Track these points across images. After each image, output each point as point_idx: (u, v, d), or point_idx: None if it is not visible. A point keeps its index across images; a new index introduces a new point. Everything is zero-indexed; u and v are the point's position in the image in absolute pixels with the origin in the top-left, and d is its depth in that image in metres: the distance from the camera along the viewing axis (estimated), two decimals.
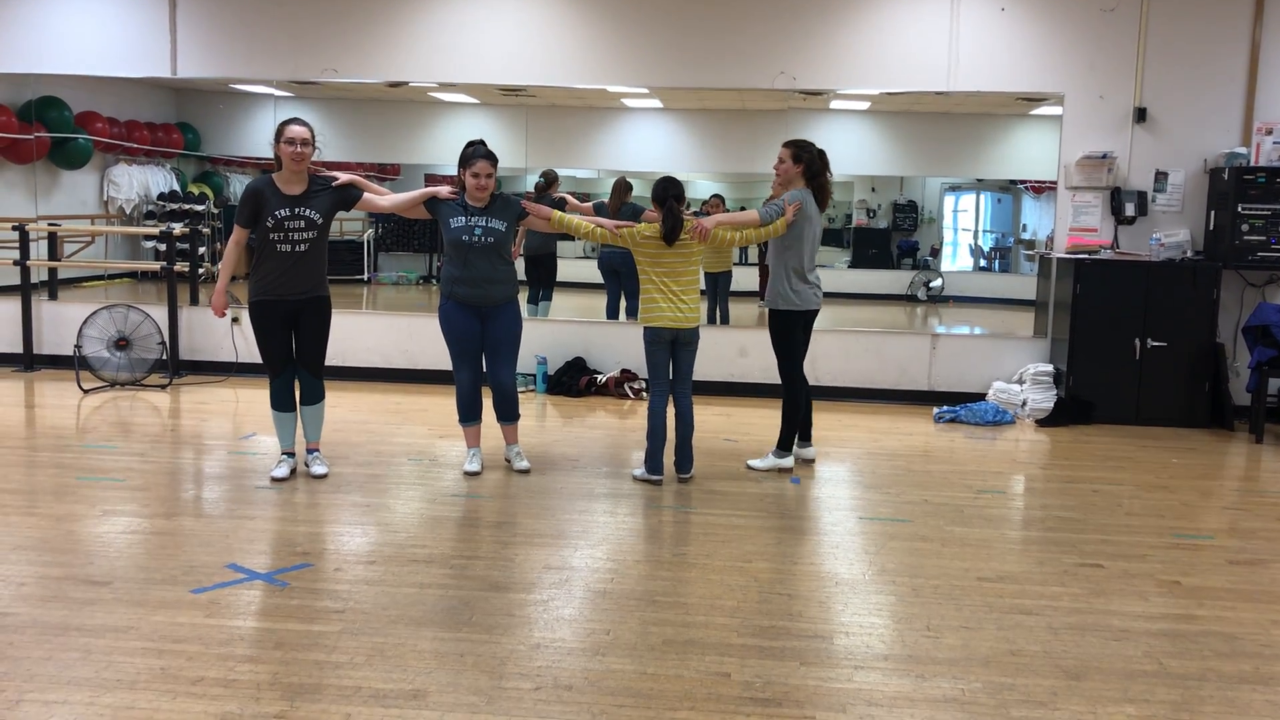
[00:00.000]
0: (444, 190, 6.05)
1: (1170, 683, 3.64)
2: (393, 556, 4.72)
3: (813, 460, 6.60)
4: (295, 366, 5.94)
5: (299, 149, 5.68)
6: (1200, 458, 7.18)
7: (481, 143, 6.00)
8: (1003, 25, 8.40)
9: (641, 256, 6.00)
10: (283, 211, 5.69)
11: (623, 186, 9.49)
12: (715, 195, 10.93)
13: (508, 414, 6.26)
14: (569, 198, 9.68)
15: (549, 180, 10.18)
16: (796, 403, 6.37)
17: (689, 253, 5.98)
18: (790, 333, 6.32)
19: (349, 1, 8.84)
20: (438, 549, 4.83)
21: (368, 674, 3.52)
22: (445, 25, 8.82)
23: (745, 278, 11.38)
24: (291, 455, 6.06)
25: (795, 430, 6.45)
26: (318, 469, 5.99)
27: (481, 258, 5.95)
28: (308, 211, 5.74)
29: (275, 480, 5.88)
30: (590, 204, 9.56)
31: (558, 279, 10.40)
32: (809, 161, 6.24)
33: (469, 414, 6.23)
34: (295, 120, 5.80)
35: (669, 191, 5.91)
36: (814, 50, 8.57)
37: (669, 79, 8.84)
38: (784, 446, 6.40)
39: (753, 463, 6.42)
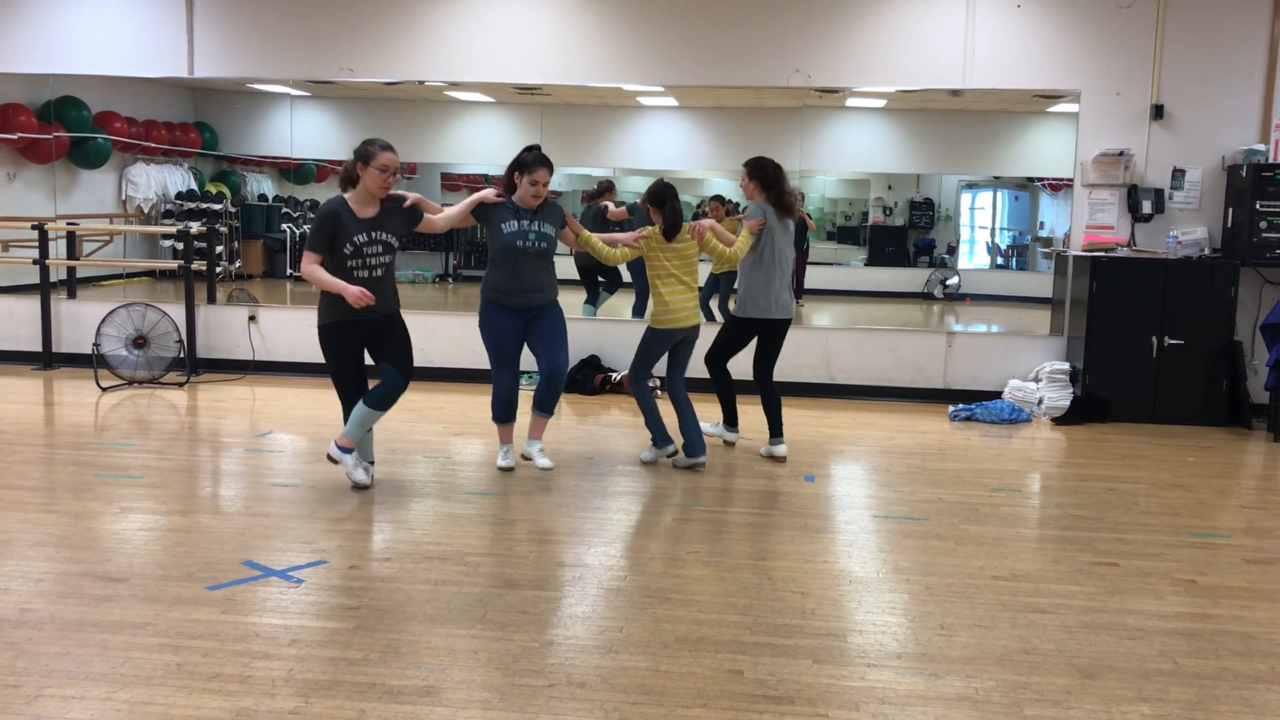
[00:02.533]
0: (491, 194, 5.95)
1: (1185, 682, 3.62)
2: (407, 554, 4.74)
3: (783, 459, 6.64)
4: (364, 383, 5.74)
5: (390, 178, 5.46)
6: (1217, 456, 7.14)
7: (537, 147, 6.00)
8: (1018, 22, 8.37)
9: (655, 257, 6.20)
10: (361, 237, 5.42)
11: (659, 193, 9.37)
12: (715, 197, 10.78)
13: (546, 404, 6.14)
14: (610, 206, 9.59)
15: (602, 189, 10.07)
16: (724, 385, 6.88)
17: (692, 250, 6.30)
18: (739, 336, 6.69)
19: (364, 1, 8.88)
20: (452, 546, 4.85)
21: (382, 670, 3.54)
22: (460, 24, 8.84)
23: None
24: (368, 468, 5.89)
25: (730, 409, 6.96)
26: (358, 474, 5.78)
27: (533, 263, 5.93)
28: (384, 235, 5.51)
29: (358, 486, 5.75)
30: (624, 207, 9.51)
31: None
32: (762, 177, 6.48)
33: (506, 414, 6.18)
34: (386, 146, 5.48)
35: (667, 193, 6.21)
36: (829, 48, 8.56)
37: (684, 77, 8.84)
38: (728, 422, 6.98)
39: (704, 426, 6.69)
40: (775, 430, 6.69)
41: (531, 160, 5.89)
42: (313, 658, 3.63)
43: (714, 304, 9.92)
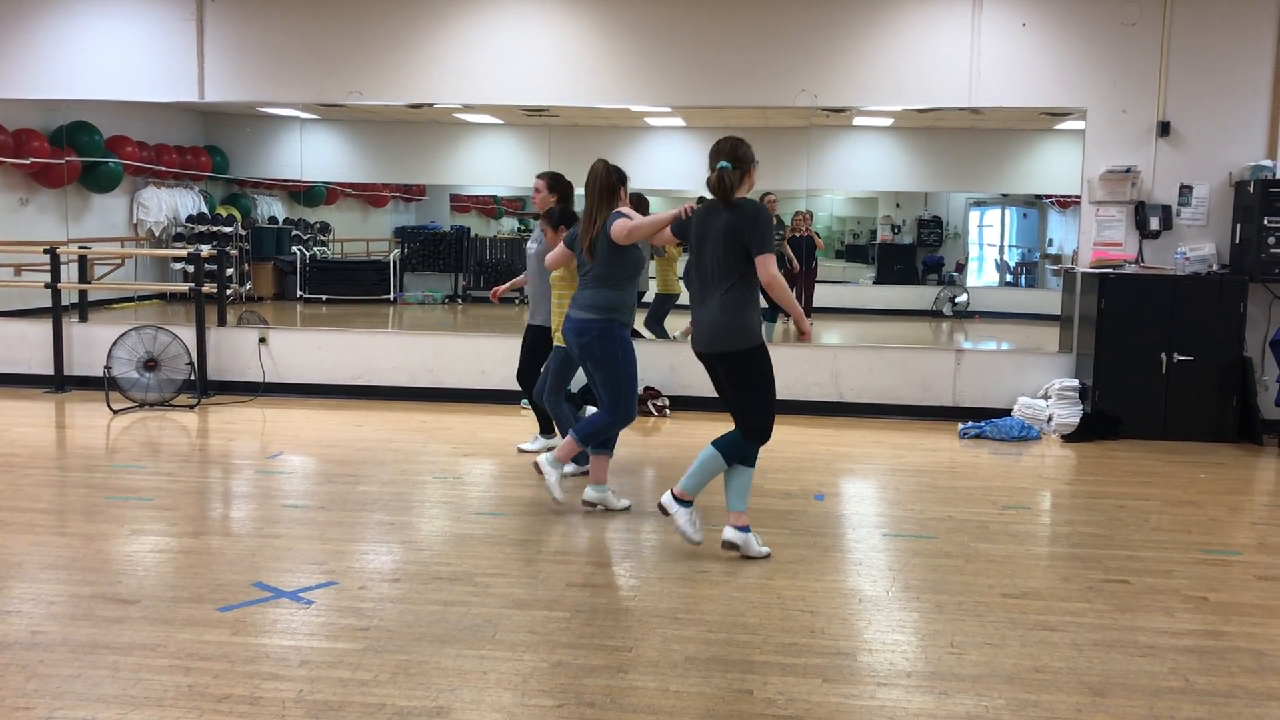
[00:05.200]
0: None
1: (1197, 700, 3.61)
2: (417, 574, 4.74)
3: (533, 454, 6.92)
4: None
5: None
6: (1228, 472, 7.12)
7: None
8: (1024, 40, 8.40)
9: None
10: None
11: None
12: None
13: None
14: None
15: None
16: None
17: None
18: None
19: (373, 25, 8.95)
20: (461, 566, 4.85)
21: (391, 691, 3.54)
22: (469, 47, 8.90)
23: None
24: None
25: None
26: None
27: None
28: None
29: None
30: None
31: None
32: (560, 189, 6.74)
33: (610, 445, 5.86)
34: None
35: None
36: (835, 68, 8.60)
37: (691, 98, 8.89)
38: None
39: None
40: (546, 428, 7.11)
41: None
42: (323, 679, 3.63)
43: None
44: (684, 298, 5.81)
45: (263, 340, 9.24)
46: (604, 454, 5.80)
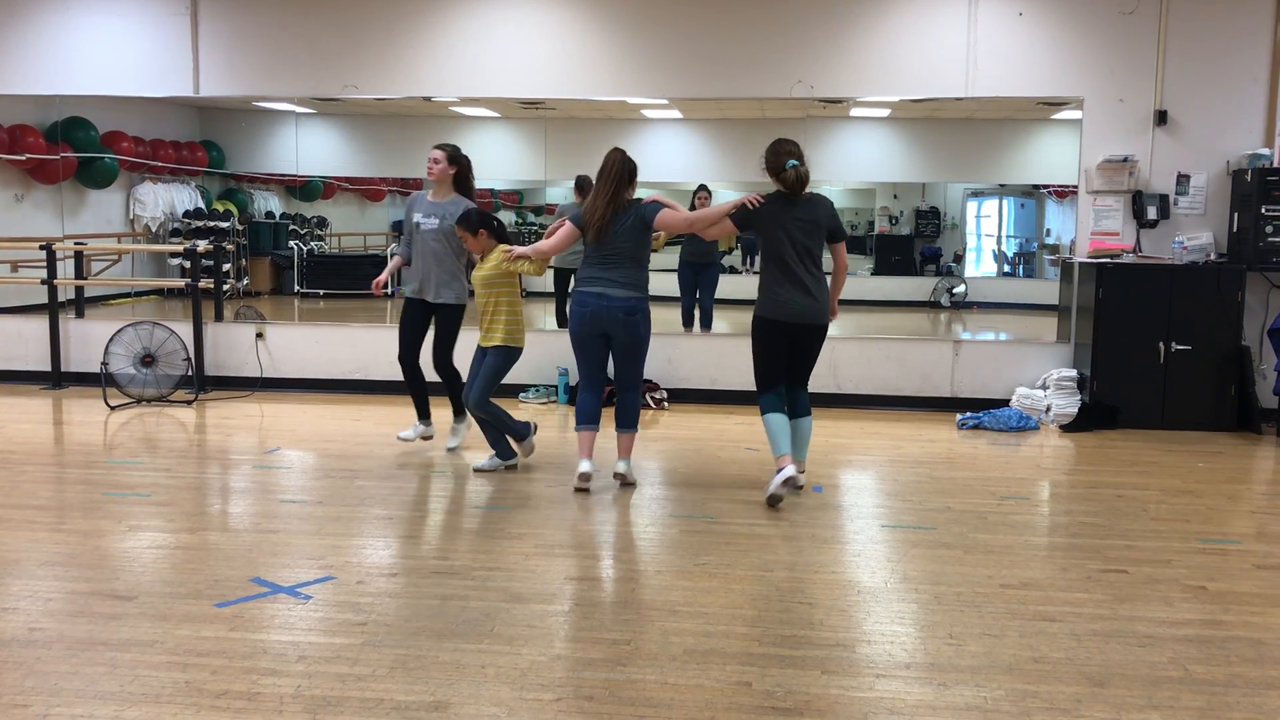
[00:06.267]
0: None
1: (1196, 689, 3.60)
2: (414, 568, 4.74)
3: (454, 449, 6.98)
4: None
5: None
6: (1227, 462, 7.11)
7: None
8: (1020, 30, 8.38)
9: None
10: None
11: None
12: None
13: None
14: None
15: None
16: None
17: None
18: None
19: (369, 18, 8.92)
20: (459, 561, 4.85)
21: (390, 686, 3.54)
22: (465, 40, 8.88)
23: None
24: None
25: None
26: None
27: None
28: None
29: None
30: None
31: None
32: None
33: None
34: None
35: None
36: (831, 58, 8.58)
37: (688, 90, 8.87)
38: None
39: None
40: (457, 412, 7.05)
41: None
42: (321, 674, 3.63)
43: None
44: None
45: (260, 335, 9.22)
46: (591, 430, 6.10)
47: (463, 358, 6.73)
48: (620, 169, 5.95)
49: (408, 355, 6.92)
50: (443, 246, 6.68)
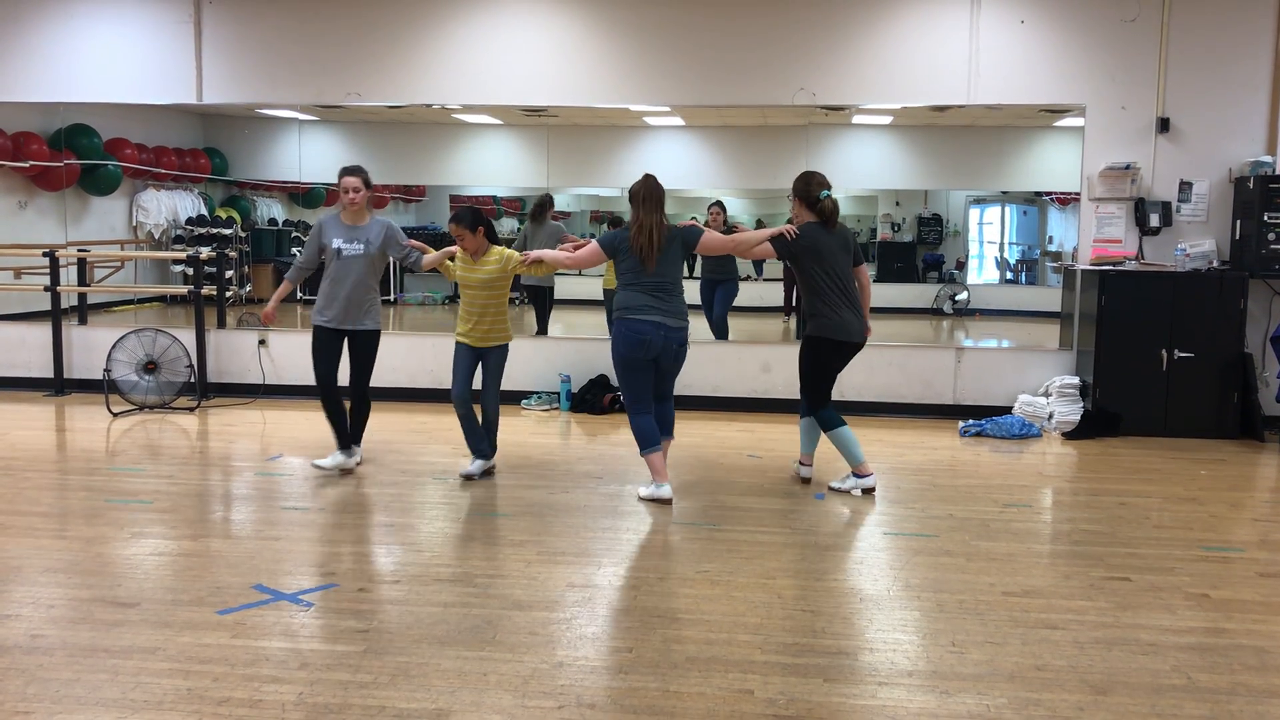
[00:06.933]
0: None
1: (1199, 697, 3.60)
2: (417, 576, 4.74)
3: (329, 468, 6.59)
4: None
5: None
6: (1229, 469, 7.11)
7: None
8: (1022, 38, 8.39)
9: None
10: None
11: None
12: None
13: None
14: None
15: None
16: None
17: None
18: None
19: (371, 26, 8.94)
20: (461, 568, 4.85)
21: (392, 694, 3.54)
22: (467, 48, 8.90)
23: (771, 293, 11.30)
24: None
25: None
26: None
27: None
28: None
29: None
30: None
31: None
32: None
33: (655, 439, 6.16)
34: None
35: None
36: (833, 66, 8.59)
37: (690, 97, 8.88)
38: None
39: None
40: (354, 438, 6.70)
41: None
42: (323, 681, 3.62)
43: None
44: None
45: (262, 342, 9.23)
46: (658, 450, 6.14)
47: (382, 373, 6.66)
48: (661, 194, 6.04)
49: (327, 385, 6.52)
50: (369, 271, 6.49)
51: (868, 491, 6.23)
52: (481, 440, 6.51)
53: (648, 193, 6.00)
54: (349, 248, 6.46)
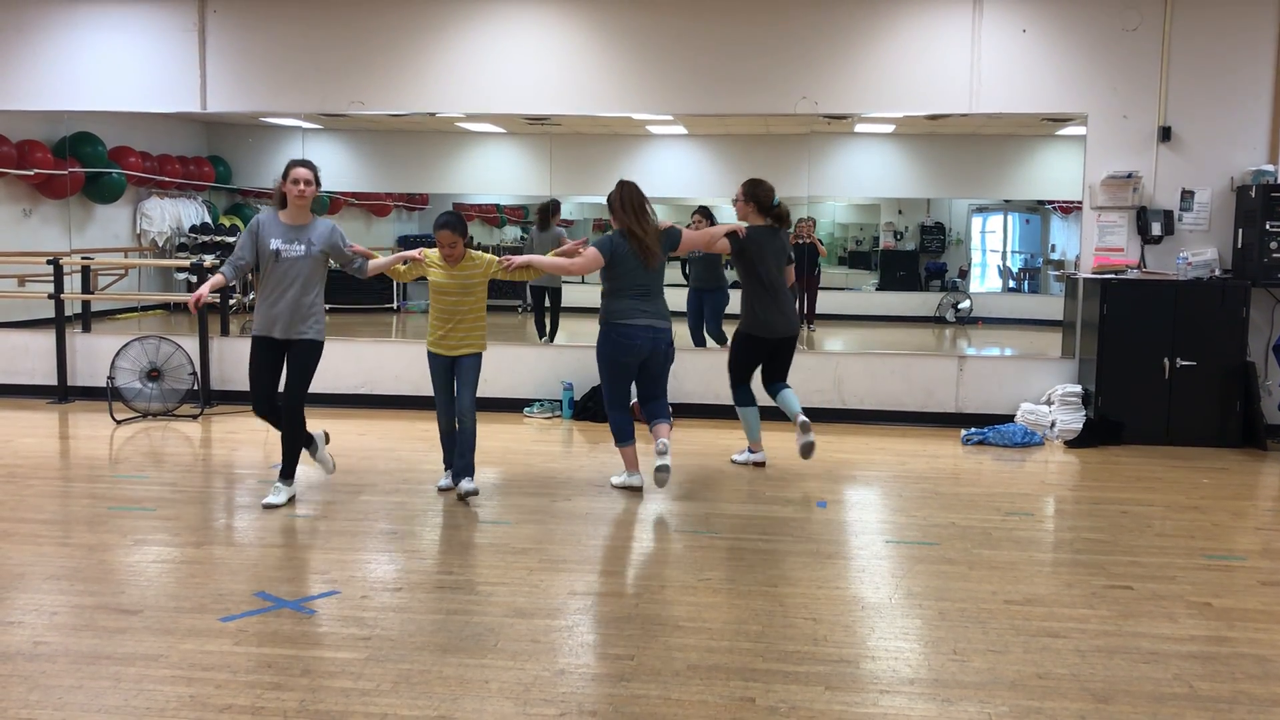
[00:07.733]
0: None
1: (1201, 706, 3.60)
2: (419, 583, 4.75)
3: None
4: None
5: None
6: (1232, 478, 7.10)
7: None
8: (1024, 46, 8.41)
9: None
10: None
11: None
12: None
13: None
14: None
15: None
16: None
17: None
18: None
19: (375, 35, 8.97)
20: (463, 575, 4.85)
21: (393, 701, 3.54)
22: (471, 57, 8.92)
23: None
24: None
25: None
26: None
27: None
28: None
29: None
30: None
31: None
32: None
33: (630, 434, 6.49)
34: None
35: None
36: (835, 75, 8.61)
37: (692, 106, 8.90)
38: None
39: None
40: (286, 470, 6.09)
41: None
42: (325, 688, 3.63)
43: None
44: None
45: None
46: (633, 444, 6.46)
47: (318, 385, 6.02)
48: (642, 198, 6.24)
49: (266, 405, 6.03)
50: (312, 274, 5.94)
51: (758, 465, 7.09)
52: (460, 458, 6.22)
53: (628, 198, 6.20)
54: (289, 249, 5.87)
